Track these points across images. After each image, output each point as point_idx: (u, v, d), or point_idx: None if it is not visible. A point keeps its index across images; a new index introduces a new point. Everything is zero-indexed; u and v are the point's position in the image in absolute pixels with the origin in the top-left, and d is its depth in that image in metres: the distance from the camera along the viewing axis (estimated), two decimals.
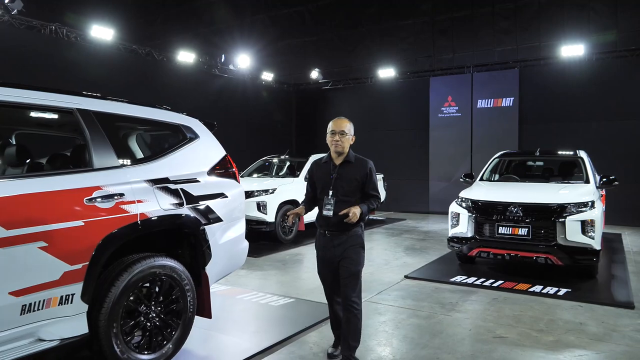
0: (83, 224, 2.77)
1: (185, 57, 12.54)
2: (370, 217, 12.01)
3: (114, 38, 10.86)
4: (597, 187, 6.60)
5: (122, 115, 3.30)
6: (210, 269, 3.59)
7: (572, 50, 12.02)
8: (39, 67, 9.40)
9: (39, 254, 2.57)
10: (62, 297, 2.70)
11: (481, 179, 7.42)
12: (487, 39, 14.21)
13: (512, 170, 8.00)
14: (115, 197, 2.96)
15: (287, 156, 10.61)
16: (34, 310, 2.60)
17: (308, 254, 7.71)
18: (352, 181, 3.42)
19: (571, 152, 7.45)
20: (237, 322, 4.47)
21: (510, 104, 12.82)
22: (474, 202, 6.29)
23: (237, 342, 3.94)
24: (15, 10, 9.24)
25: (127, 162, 3.21)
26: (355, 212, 3.23)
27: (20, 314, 2.56)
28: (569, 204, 5.77)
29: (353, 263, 3.41)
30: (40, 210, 2.61)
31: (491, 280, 5.87)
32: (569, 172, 7.25)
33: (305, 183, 3.87)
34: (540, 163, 8.11)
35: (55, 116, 3.20)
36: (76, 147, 3.24)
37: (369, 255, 7.70)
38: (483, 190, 6.66)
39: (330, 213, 3.35)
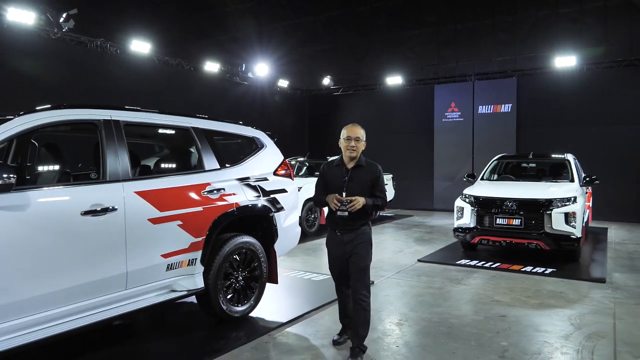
0: (202, 209, 3.93)
1: (211, 66, 13.72)
2: (381, 213, 13.15)
3: (150, 51, 12.02)
4: (581, 185, 7.74)
5: (218, 131, 4.47)
6: (277, 246, 4.75)
7: (565, 61, 13.16)
8: (87, 78, 10.57)
9: (177, 229, 3.74)
10: (189, 260, 3.86)
11: (482, 179, 8.57)
12: (487, 50, 15.34)
13: (509, 170, 9.14)
14: (220, 191, 4.13)
15: (306, 158, 11.77)
16: (173, 269, 3.77)
17: None
18: (363, 183, 3.61)
19: (560, 155, 8.58)
20: (291, 290, 5.61)
21: (509, 110, 13.96)
22: (475, 197, 7.45)
23: (294, 303, 5.10)
24: (66, 28, 10.40)
25: (221, 165, 4.37)
26: (359, 199, 3.44)
27: (166, 271, 3.72)
28: (555, 199, 6.93)
29: (362, 259, 3.61)
30: (177, 199, 3.77)
31: (490, 263, 7.03)
32: (558, 172, 8.38)
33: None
34: (533, 164, 9.26)
35: (173, 132, 4.36)
36: (190, 154, 4.39)
37: (384, 244, 8.89)
38: (483, 188, 7.81)
39: (345, 213, 3.49)
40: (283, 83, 16.55)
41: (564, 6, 14.21)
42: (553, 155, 8.81)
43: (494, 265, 6.89)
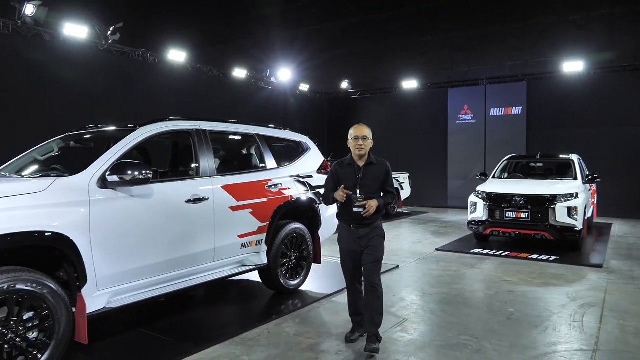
0: (266, 200, 4.89)
1: (238, 72, 14.73)
2: (398, 210, 14.03)
3: (184, 59, 13.04)
4: (584, 183, 8.58)
5: (275, 137, 5.43)
6: (321, 232, 5.68)
7: (573, 66, 13.94)
8: (130, 85, 11.61)
9: (249, 215, 4.69)
10: (257, 240, 4.82)
11: (493, 177, 9.43)
12: (498, 55, 16.12)
13: (518, 169, 9.99)
14: (278, 186, 5.08)
15: (330, 158, 12.71)
16: (245, 247, 4.72)
17: None
18: (375, 180, 3.80)
19: (565, 156, 9.41)
20: (330, 271, 6.51)
21: (519, 113, 14.77)
22: (487, 194, 8.32)
23: (334, 280, 6.02)
24: (111, 40, 11.43)
25: (278, 165, 5.31)
26: (372, 204, 3.65)
27: (240, 248, 4.68)
28: (559, 194, 7.78)
29: (377, 251, 3.79)
30: (249, 191, 4.72)
31: (501, 251, 7.90)
32: (563, 171, 9.21)
33: None
34: (541, 164, 10.09)
35: (243, 137, 5.32)
36: (255, 156, 5.34)
37: (403, 237, 9.79)
38: (495, 185, 8.68)
39: (362, 209, 3.69)
40: (304, 87, 17.52)
41: (572, 13, 14.98)
42: (559, 156, 9.64)
43: (504, 254, 7.76)
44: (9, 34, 9.68)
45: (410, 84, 16.81)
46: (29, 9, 9.80)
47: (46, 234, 3.11)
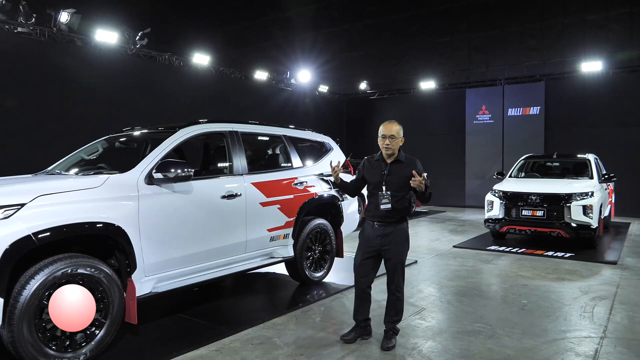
0: (293, 197, 5.23)
1: (260, 75, 15.13)
2: (416, 209, 14.27)
3: (208, 62, 13.49)
4: (600, 182, 8.74)
5: (300, 137, 5.78)
6: (343, 228, 6.01)
7: (592, 66, 14.00)
8: (157, 88, 12.07)
9: (277, 211, 5.04)
10: (284, 234, 5.17)
11: (510, 176, 9.64)
12: (516, 55, 16.30)
13: (535, 169, 10.18)
14: (303, 183, 5.42)
15: (349, 158, 13.00)
16: (274, 240, 5.07)
17: None
18: (401, 178, 3.72)
19: (582, 155, 9.57)
20: (349, 264, 6.85)
21: (537, 113, 14.88)
22: (504, 192, 8.55)
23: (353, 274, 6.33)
24: (139, 45, 11.93)
25: (303, 164, 5.66)
26: (418, 179, 3.49)
27: (269, 241, 5.03)
28: (575, 193, 7.97)
29: (399, 254, 3.78)
30: (277, 188, 5.07)
31: (517, 248, 8.13)
32: (579, 170, 9.37)
33: None
34: (557, 163, 10.25)
35: (272, 138, 5.69)
36: (282, 155, 5.68)
37: (421, 234, 10.06)
38: (511, 184, 8.90)
39: (389, 206, 3.69)
40: (323, 88, 17.85)
41: (590, 13, 15.07)
42: (575, 155, 9.80)
43: (519, 251, 7.98)
44: (45, 41, 10.22)
45: (428, 85, 17.02)
46: (64, 17, 10.35)
47: (103, 225, 3.50)
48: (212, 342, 3.91)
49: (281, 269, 6.08)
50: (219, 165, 5.18)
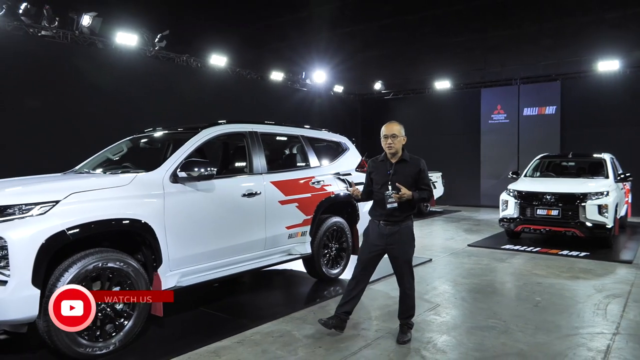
0: (310, 195, 5.37)
1: (275, 75, 15.33)
2: (430, 208, 14.31)
3: (225, 63, 13.71)
4: (615, 182, 8.73)
5: (317, 137, 5.92)
6: (358, 226, 6.12)
7: (608, 65, 13.92)
8: (175, 89, 12.32)
9: (295, 209, 5.19)
10: (302, 232, 5.31)
11: (525, 175, 9.66)
12: (532, 55, 16.17)
13: (550, 168, 10.17)
14: (320, 182, 5.56)
15: (365, 157, 13.12)
16: (292, 237, 5.22)
17: None
18: (407, 177, 3.81)
19: (597, 155, 9.55)
20: None
21: (553, 112, 14.83)
22: (519, 192, 8.59)
23: None
24: (158, 46, 12.18)
25: (320, 163, 5.79)
26: (405, 191, 3.67)
27: (288, 239, 5.18)
28: (590, 192, 7.99)
29: (405, 253, 3.88)
30: (295, 187, 5.22)
31: (531, 247, 8.17)
32: (595, 170, 9.35)
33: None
34: (572, 163, 10.24)
35: (290, 138, 5.84)
36: (300, 155, 5.83)
37: (436, 233, 10.13)
38: (526, 183, 8.93)
39: (396, 204, 3.74)
40: (338, 88, 17.99)
41: (607, 12, 14.91)
42: (591, 155, 9.78)
43: (534, 249, 8.02)
44: (68, 44, 10.51)
45: (443, 85, 17.04)
46: (85, 20, 10.62)
47: (131, 221, 3.68)
48: (234, 334, 4.07)
49: (298, 266, 6.23)
50: (239, 164, 5.34)
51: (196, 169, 4.08)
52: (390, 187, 3.78)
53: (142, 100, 11.48)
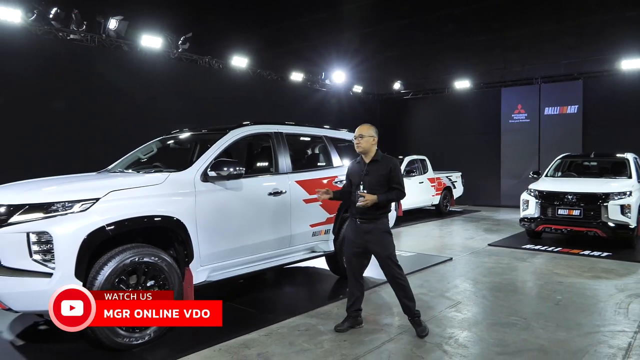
0: None
1: (296, 76, 15.51)
2: (450, 208, 14.31)
3: (246, 65, 13.93)
4: (639, 182, 8.67)
5: (339, 138, 6.05)
6: None
7: (631, 63, 13.75)
8: (197, 89, 12.58)
9: (319, 207, 5.33)
10: (325, 230, 5.45)
11: (546, 175, 9.65)
12: (553, 53, 16.04)
13: (572, 168, 10.13)
14: (342, 181, 5.68)
15: None
16: (316, 235, 5.37)
17: (409, 232, 10.30)
18: (379, 177, 3.95)
19: (620, 155, 9.48)
20: None
21: (575, 111, 14.70)
22: (540, 191, 8.59)
23: None
24: (181, 49, 12.44)
25: (342, 163, 5.92)
26: (368, 197, 3.83)
27: (311, 236, 5.33)
28: (612, 192, 7.96)
29: (384, 248, 4.00)
30: (319, 186, 5.35)
31: (552, 248, 8.18)
32: (617, 170, 9.29)
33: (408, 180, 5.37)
34: (594, 163, 10.18)
35: (313, 139, 5.99)
36: (323, 155, 5.97)
37: (456, 233, 10.17)
38: (547, 183, 8.93)
39: (363, 203, 3.89)
40: (357, 88, 18.09)
41: (630, 9, 14.71)
42: (613, 155, 9.71)
43: (555, 249, 8.03)
44: (95, 47, 10.82)
45: (462, 84, 17.01)
46: (112, 24, 10.92)
47: (166, 218, 3.86)
48: (261, 327, 4.24)
49: (320, 263, 6.39)
50: (265, 164, 5.51)
51: (225, 169, 4.25)
52: (361, 186, 3.96)
53: (165, 101, 11.75)
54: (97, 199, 3.59)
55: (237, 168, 4.28)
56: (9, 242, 3.39)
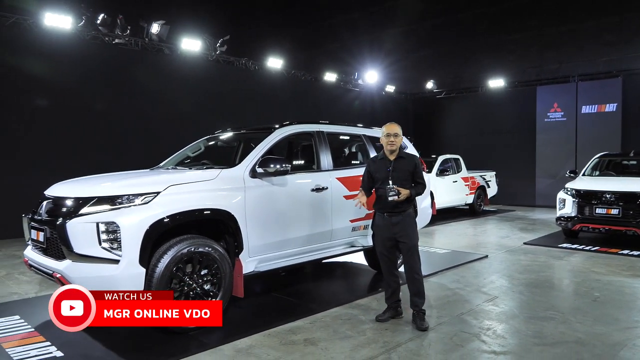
0: None
1: (329, 76, 15.74)
2: (484, 208, 14.26)
3: (281, 66, 14.24)
4: None
5: (374, 136, 6.23)
6: (417, 220, 6.34)
7: None
8: (234, 90, 12.94)
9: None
10: (364, 225, 5.65)
11: (583, 174, 9.57)
12: (591, 51, 15.75)
13: (610, 167, 9.99)
14: None
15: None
16: (355, 230, 5.57)
17: (443, 230, 10.38)
18: (405, 172, 4.21)
19: None
20: (422, 256, 7.22)
21: (614, 109, 14.42)
22: (577, 190, 8.56)
23: (425, 265, 6.70)
24: (219, 51, 12.83)
25: None
26: (404, 191, 4.09)
27: (351, 231, 5.53)
28: None
29: (411, 239, 4.22)
30: (358, 183, 5.52)
31: (590, 247, 8.14)
32: None
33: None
34: (634, 162, 10.02)
35: (353, 138, 6.20)
36: (361, 152, 6.17)
37: (490, 232, 10.19)
38: (584, 182, 8.87)
39: (396, 197, 4.06)
40: (390, 88, 18.19)
41: None
42: None
43: (593, 249, 7.99)
44: (139, 50, 11.31)
45: (497, 83, 16.91)
46: (154, 28, 11.39)
47: (219, 211, 4.14)
48: (305, 316, 4.47)
49: (358, 259, 6.59)
50: (307, 161, 5.74)
51: (272, 165, 4.51)
52: (390, 182, 4.14)
53: (203, 102, 12.17)
54: (158, 193, 3.88)
55: (284, 165, 4.53)
56: (80, 231, 3.72)
